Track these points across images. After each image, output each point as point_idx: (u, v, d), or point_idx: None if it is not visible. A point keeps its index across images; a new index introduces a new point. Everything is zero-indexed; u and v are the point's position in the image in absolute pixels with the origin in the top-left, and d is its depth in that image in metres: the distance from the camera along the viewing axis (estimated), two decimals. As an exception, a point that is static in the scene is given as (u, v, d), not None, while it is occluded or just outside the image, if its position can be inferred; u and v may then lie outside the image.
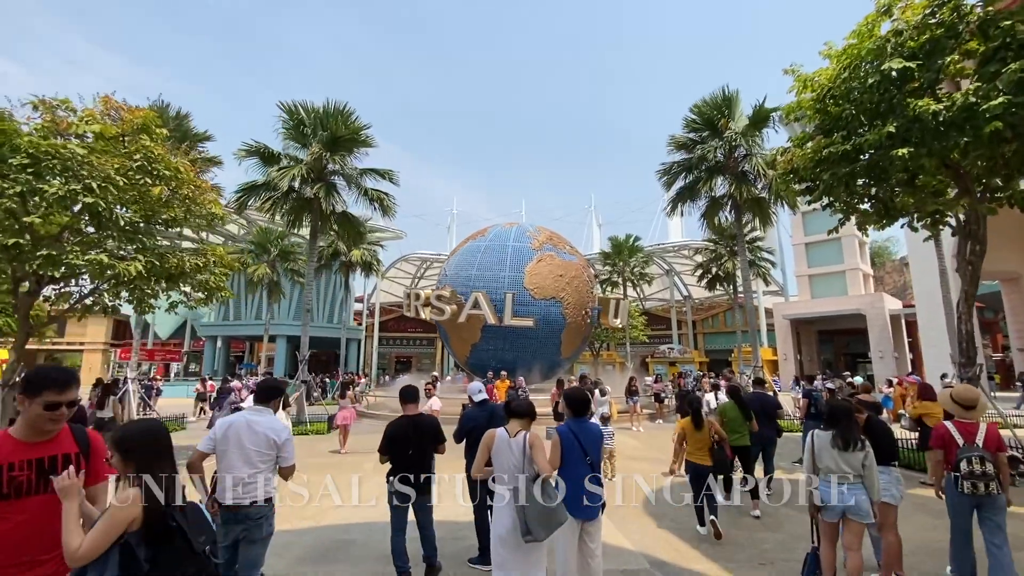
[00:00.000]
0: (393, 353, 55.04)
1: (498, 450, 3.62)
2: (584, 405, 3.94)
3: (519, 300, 16.77)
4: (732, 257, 28.58)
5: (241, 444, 3.38)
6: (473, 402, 5.30)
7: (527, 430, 3.69)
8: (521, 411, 3.77)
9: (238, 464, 3.35)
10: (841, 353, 42.74)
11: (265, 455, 3.42)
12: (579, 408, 3.92)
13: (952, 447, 4.15)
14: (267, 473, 3.42)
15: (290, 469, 3.56)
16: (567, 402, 3.94)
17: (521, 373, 15.72)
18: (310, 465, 9.77)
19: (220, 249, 10.48)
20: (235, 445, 3.38)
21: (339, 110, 15.74)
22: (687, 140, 17.36)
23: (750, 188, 16.12)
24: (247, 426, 3.45)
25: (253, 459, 3.37)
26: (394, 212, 16.94)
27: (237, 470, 3.33)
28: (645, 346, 45.09)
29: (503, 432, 3.69)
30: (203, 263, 9.69)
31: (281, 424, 3.60)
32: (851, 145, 9.14)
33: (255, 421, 3.49)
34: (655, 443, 12.64)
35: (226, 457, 3.38)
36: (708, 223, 18.60)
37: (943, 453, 4.23)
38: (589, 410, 3.94)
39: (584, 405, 3.94)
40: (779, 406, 7.66)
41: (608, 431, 8.44)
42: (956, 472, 4.07)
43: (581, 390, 4.05)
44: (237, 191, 15.45)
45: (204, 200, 9.90)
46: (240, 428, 3.45)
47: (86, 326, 55.48)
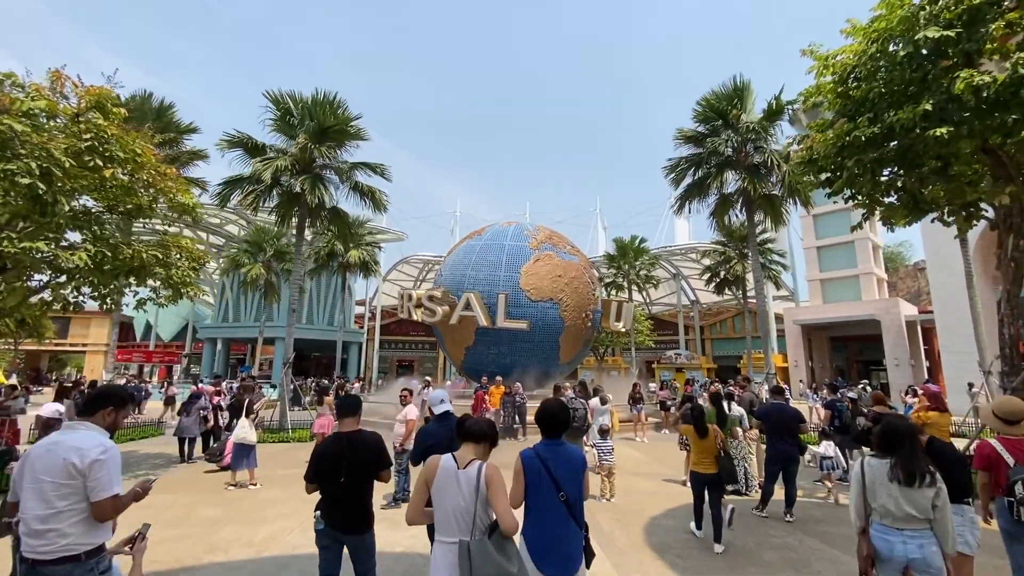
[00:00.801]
0: (395, 357, 54.30)
1: (441, 486, 2.65)
2: (556, 421, 2.96)
3: (515, 302, 15.87)
4: (742, 260, 27.53)
5: (35, 476, 2.43)
6: (433, 415, 4.36)
7: (484, 459, 2.76)
8: (476, 433, 2.80)
9: (32, 503, 2.40)
10: (854, 360, 41.45)
11: (64, 488, 2.41)
12: (550, 425, 2.95)
13: (1001, 468, 3.54)
14: (73, 514, 2.42)
15: (106, 505, 2.45)
16: (536, 418, 3.01)
17: (517, 378, 14.77)
18: (278, 478, 8.88)
19: (185, 240, 9.65)
20: (29, 478, 2.43)
21: (328, 99, 14.95)
22: (696, 133, 16.40)
23: (763, 183, 15.12)
24: (45, 450, 2.49)
25: (48, 495, 2.40)
26: (386, 207, 16.11)
27: (29, 511, 2.39)
28: (651, 352, 43.95)
29: (449, 461, 2.71)
30: (163, 255, 8.85)
31: (94, 441, 2.52)
32: (879, 128, 8.19)
33: (58, 442, 2.51)
34: (661, 455, 11.64)
35: (23, 495, 2.44)
36: (717, 222, 17.61)
37: (991, 475, 3.62)
38: (565, 428, 2.98)
39: (556, 421, 2.96)
40: (801, 419, 6.69)
41: (607, 445, 7.50)
42: (1010, 497, 3.43)
43: (557, 401, 3.07)
44: (220, 184, 14.70)
45: (168, 187, 9.07)
46: (35, 454, 2.50)
47: (89, 327, 55.16)
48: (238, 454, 8.25)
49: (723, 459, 5.77)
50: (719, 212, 17.45)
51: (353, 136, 15.83)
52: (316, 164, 15.82)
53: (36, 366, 54.15)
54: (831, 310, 35.51)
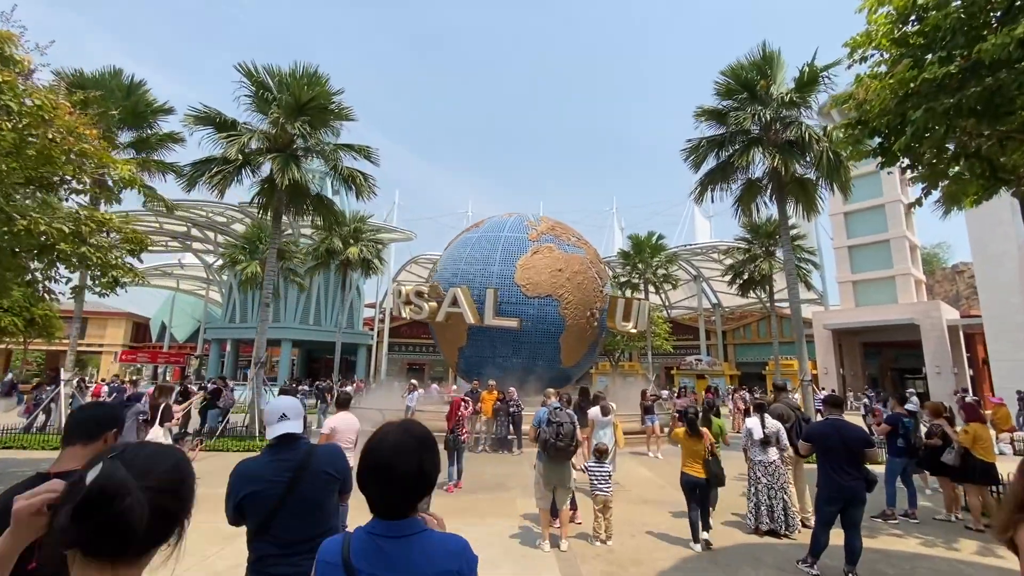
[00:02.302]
0: (405, 360, 53.03)
1: None
2: (388, 483, 1.31)
3: (510, 298, 14.20)
4: (768, 258, 25.38)
5: None
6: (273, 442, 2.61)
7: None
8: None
9: None
10: (888, 368, 38.72)
11: None
12: (382, 492, 1.32)
13: None
14: None
15: None
16: (357, 474, 1.33)
17: (511, 383, 13.03)
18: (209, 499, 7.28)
19: (111, 216, 8.20)
20: None
21: (307, 72, 13.54)
22: (718, 109, 14.52)
23: (796, 161, 13.18)
24: None
25: None
26: (369, 193, 14.60)
27: None
28: (670, 357, 41.75)
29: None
30: (75, 230, 7.41)
31: None
32: (955, 67, 6.36)
33: None
34: (676, 475, 9.81)
35: None
36: (743, 210, 15.67)
37: None
38: (414, 496, 1.32)
39: (388, 483, 1.31)
40: (868, 442, 4.87)
41: (603, 471, 5.77)
42: None
43: (402, 431, 1.36)
44: (189, 166, 13.39)
45: (85, 151, 7.66)
46: None
47: (105, 328, 55.32)
48: (150, 472, 6.75)
49: (710, 462, 5.68)
50: (745, 199, 15.52)
51: (337, 115, 14.41)
52: (296, 146, 14.45)
53: (56, 366, 54.34)
54: (865, 313, 33.06)
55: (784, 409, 6.68)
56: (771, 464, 6.13)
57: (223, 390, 13.72)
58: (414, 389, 13.00)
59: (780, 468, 6.16)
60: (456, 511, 7.08)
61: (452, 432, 8.56)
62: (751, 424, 6.35)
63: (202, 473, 7.54)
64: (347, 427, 5.64)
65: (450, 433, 8.56)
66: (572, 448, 5.34)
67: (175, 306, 54.00)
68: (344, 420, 5.69)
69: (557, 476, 5.40)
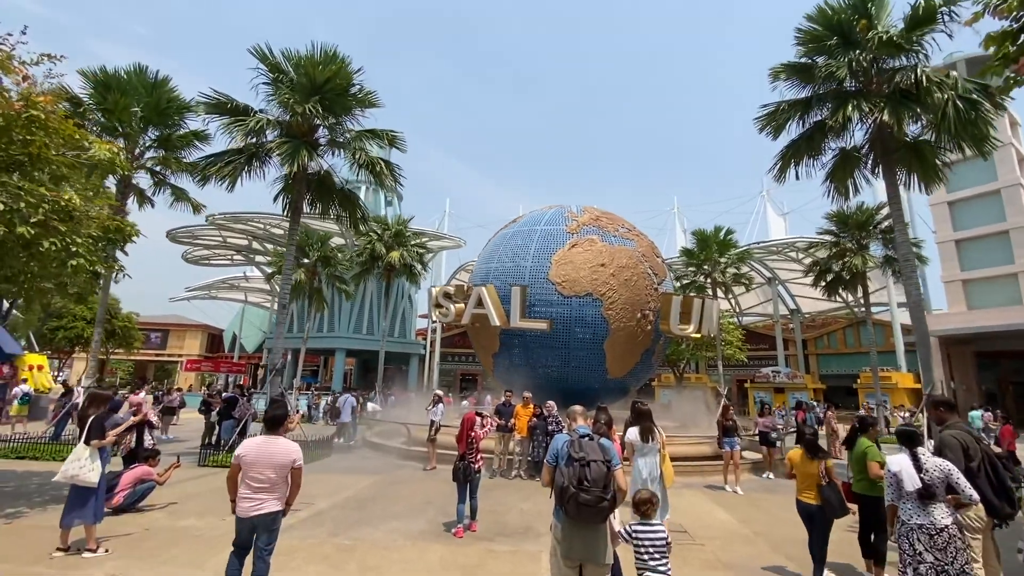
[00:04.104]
0: (458, 370, 52.03)
1: None
2: None
3: (543, 298, 12.23)
4: (860, 252, 21.81)
5: None
6: None
7: None
8: None
9: None
10: (1009, 382, 32.97)
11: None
12: None
13: None
14: None
15: None
16: None
17: (549, 395, 10.92)
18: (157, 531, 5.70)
19: (71, 195, 6.98)
20: None
21: (326, 53, 12.35)
22: (803, 64, 11.94)
23: (912, 116, 10.36)
24: None
25: None
26: (391, 183, 13.17)
27: None
28: (742, 369, 37.80)
29: None
30: (8, 205, 6.19)
31: None
32: None
33: None
34: (769, 520, 7.39)
35: None
36: (836, 187, 12.88)
37: None
38: None
39: None
40: None
41: (658, 534, 3.66)
42: None
43: None
44: (202, 159, 12.52)
45: (35, 118, 6.54)
46: None
47: (184, 339, 58.73)
48: (73, 501, 5.35)
49: (826, 488, 5.00)
50: (838, 174, 12.77)
51: (360, 101, 13.13)
52: (317, 136, 13.33)
53: (143, 375, 58.03)
54: (981, 317, 28.21)
55: (963, 439, 4.25)
56: (940, 531, 3.79)
57: (239, 399, 12.61)
58: (438, 401, 11.23)
59: (956, 538, 3.80)
60: (460, 570, 5.20)
61: (463, 458, 6.69)
62: (898, 465, 4.04)
63: (180, 497, 5.43)
64: (263, 458, 3.97)
65: (460, 460, 6.68)
66: (607, 503, 3.31)
67: (244, 318, 56.08)
68: (262, 449, 4.01)
69: (583, 547, 3.37)
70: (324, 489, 8.79)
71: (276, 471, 4.02)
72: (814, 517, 5.06)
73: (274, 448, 4.06)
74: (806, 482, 5.16)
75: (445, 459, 10.79)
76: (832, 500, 4.97)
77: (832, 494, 4.99)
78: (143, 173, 14.78)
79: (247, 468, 3.95)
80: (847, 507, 5.09)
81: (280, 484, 4.07)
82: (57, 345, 37.75)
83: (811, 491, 5.10)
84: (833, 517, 5.05)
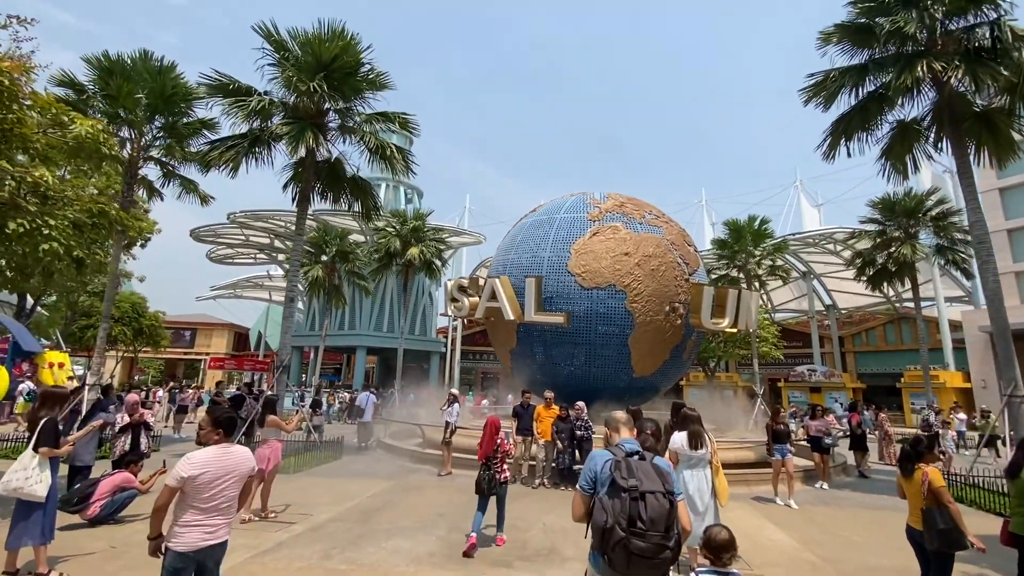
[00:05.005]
0: (479, 368, 51.35)
1: None
2: None
3: (561, 291, 11.28)
4: (909, 241, 20.17)
5: None
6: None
7: None
8: None
9: None
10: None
11: None
12: None
13: None
14: None
15: None
16: None
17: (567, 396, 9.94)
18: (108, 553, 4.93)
19: (43, 171, 6.30)
20: None
21: (333, 31, 11.60)
22: (858, 26, 10.66)
23: (993, 78, 9.02)
24: None
25: None
26: (402, 168, 12.38)
27: None
28: (774, 367, 36.03)
29: None
30: None
31: None
32: None
33: None
34: (831, 541, 6.29)
35: None
36: (895, 164, 11.55)
37: None
38: None
39: None
40: None
41: None
42: None
43: None
44: (205, 143, 11.91)
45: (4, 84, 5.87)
46: None
47: (211, 337, 59.53)
48: (18, 518, 4.61)
49: (931, 513, 3.96)
50: (896, 151, 11.46)
51: (370, 83, 12.36)
52: (327, 120, 12.61)
53: (173, 372, 59.11)
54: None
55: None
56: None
57: (246, 398, 11.97)
58: (454, 401, 10.36)
59: None
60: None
61: (487, 466, 5.79)
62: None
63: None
64: (224, 474, 3.13)
65: (485, 469, 5.79)
66: (669, 552, 2.34)
67: (269, 316, 56.53)
68: (222, 463, 3.16)
69: (633, 612, 2.42)
70: (327, 497, 8.04)
71: (238, 486, 3.22)
72: (923, 548, 4.17)
73: (234, 459, 3.23)
74: (911, 502, 4.37)
75: (460, 463, 9.95)
76: (935, 526, 3.90)
77: (940, 518, 3.94)
78: (152, 165, 14.33)
79: (197, 490, 3.09)
80: (963, 537, 3.91)
81: (235, 502, 3.25)
82: (87, 344, 38.30)
83: (914, 512, 4.26)
84: (941, 549, 3.96)
